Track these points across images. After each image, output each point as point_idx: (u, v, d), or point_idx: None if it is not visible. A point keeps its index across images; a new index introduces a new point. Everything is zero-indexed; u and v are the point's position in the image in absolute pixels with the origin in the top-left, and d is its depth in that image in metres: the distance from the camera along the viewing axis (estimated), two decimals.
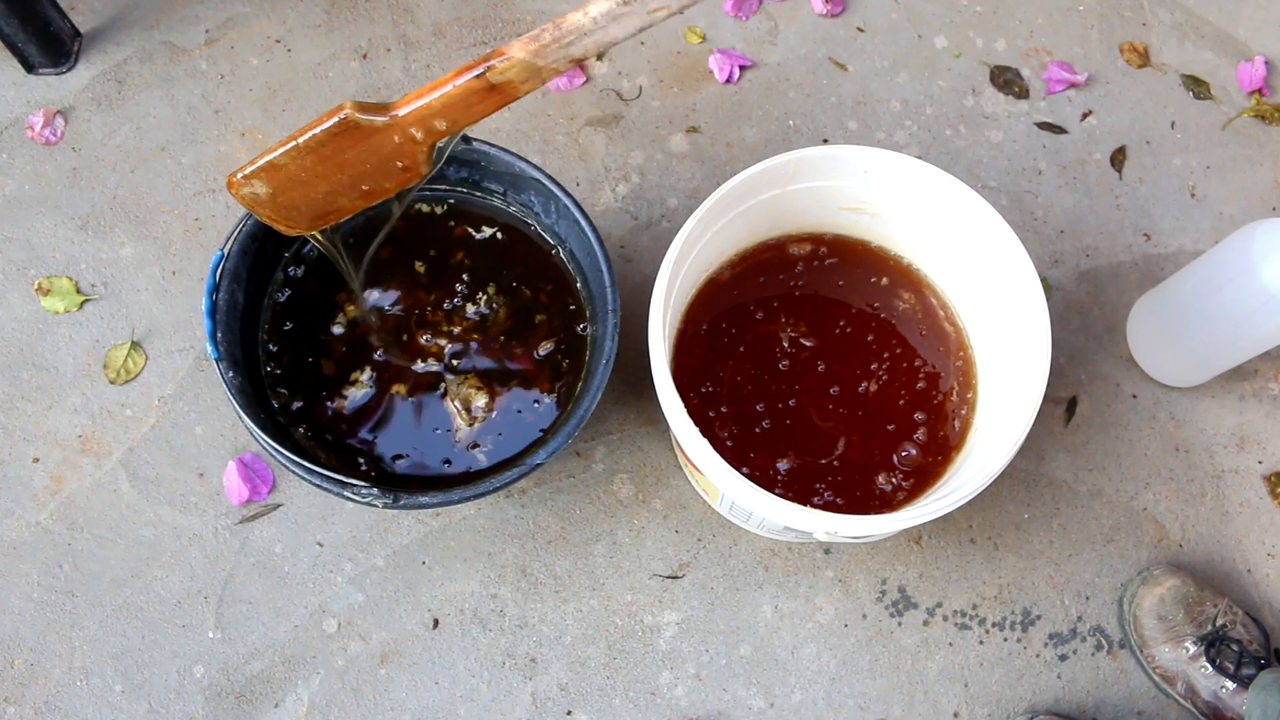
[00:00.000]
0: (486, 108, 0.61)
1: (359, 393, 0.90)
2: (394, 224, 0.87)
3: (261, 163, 0.68)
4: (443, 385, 0.90)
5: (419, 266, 0.94)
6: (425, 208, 0.96)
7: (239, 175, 0.69)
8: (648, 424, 1.01)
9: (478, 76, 0.59)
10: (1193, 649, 0.90)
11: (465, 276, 0.94)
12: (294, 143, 0.66)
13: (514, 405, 0.90)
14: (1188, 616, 0.91)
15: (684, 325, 0.92)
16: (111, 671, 0.92)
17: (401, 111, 0.61)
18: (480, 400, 0.89)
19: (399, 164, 0.64)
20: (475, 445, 0.88)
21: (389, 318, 0.92)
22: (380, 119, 0.63)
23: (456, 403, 0.89)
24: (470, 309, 0.93)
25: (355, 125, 0.63)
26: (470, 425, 0.88)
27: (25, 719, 0.90)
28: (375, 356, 0.91)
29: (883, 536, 0.81)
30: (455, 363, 0.91)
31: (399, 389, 0.90)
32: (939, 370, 0.92)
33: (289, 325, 0.91)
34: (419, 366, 0.91)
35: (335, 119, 0.63)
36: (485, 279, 0.94)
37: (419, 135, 0.61)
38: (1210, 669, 0.89)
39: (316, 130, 0.64)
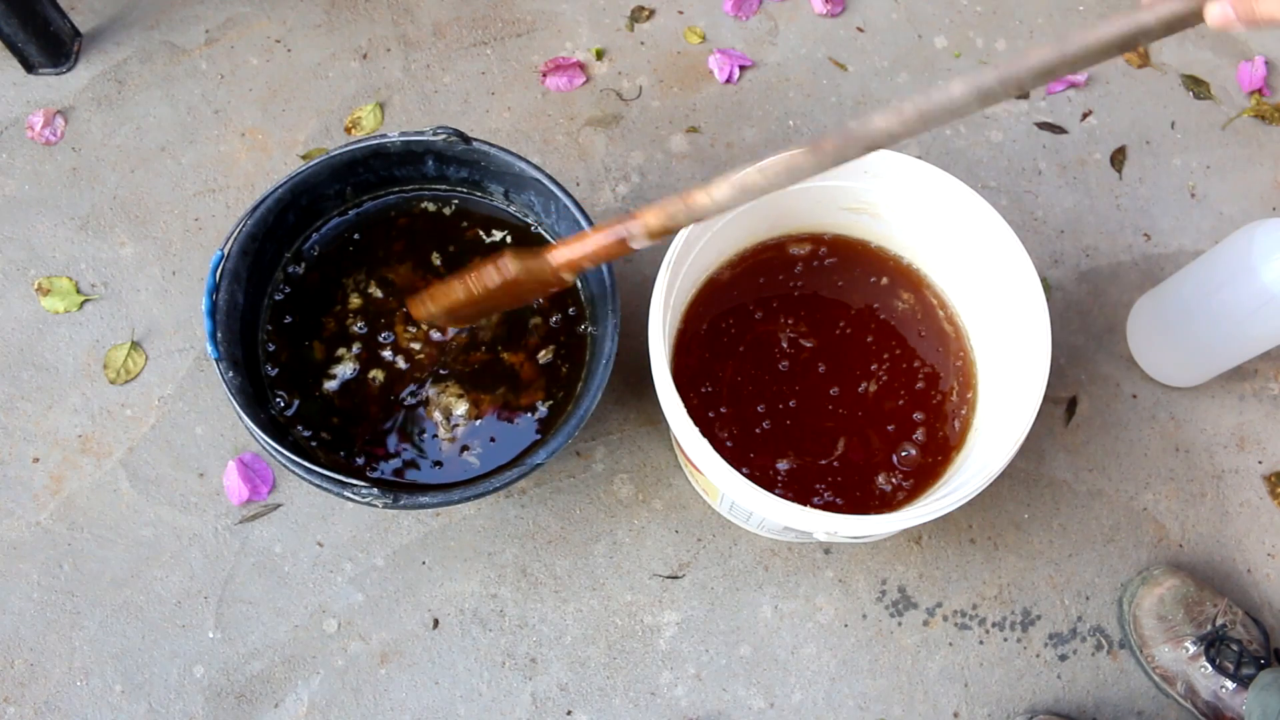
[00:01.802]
0: (622, 253, 0.75)
1: (347, 369, 0.89)
2: (399, 221, 0.88)
3: (441, 307, 0.83)
4: (424, 393, 0.90)
5: (439, 259, 0.94)
6: (432, 207, 0.96)
7: (422, 311, 0.84)
8: (648, 424, 1.01)
9: (619, 240, 0.72)
10: (1192, 649, 0.90)
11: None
12: (466, 290, 0.80)
13: (504, 411, 0.90)
14: (1187, 616, 0.91)
15: (684, 325, 0.92)
16: (111, 671, 0.92)
17: (556, 262, 0.75)
18: (461, 409, 0.89)
19: (550, 289, 0.78)
20: (466, 449, 0.88)
21: (385, 312, 0.92)
22: (542, 268, 0.76)
23: (437, 412, 0.89)
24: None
25: (519, 279, 0.78)
26: (450, 432, 0.88)
27: (25, 719, 0.90)
28: (356, 350, 0.91)
29: (883, 536, 0.81)
30: (428, 371, 0.91)
31: (376, 373, 0.90)
32: (939, 370, 0.92)
33: (288, 320, 0.91)
34: (406, 372, 0.91)
35: (503, 277, 0.77)
36: None
37: (568, 276, 0.75)
38: (1210, 669, 0.89)
39: (486, 284, 0.78)
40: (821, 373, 0.92)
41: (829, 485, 0.88)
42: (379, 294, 0.93)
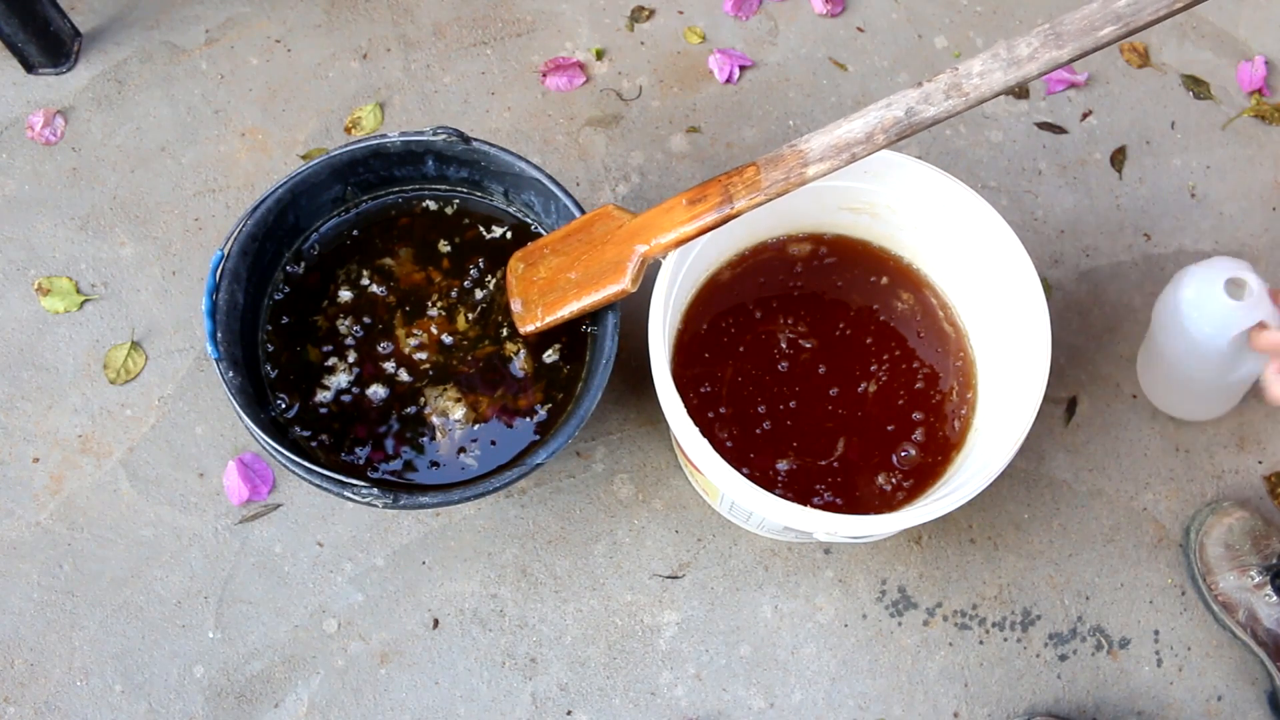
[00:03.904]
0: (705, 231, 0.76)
1: (341, 379, 0.89)
2: (400, 221, 0.88)
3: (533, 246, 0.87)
4: (424, 397, 0.90)
5: (438, 258, 0.94)
6: (434, 206, 0.97)
7: (518, 257, 0.88)
8: (648, 424, 1.01)
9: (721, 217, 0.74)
10: (1257, 578, 0.92)
11: (468, 280, 0.94)
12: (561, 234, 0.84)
13: (503, 413, 0.90)
14: (1254, 548, 0.93)
15: (684, 325, 0.92)
16: (111, 671, 0.92)
17: (642, 247, 0.77)
18: (459, 412, 0.89)
19: (614, 274, 0.79)
20: (463, 450, 0.88)
21: (384, 314, 0.92)
22: (627, 221, 0.78)
23: (435, 416, 0.89)
24: (462, 318, 0.93)
25: (611, 215, 0.81)
26: (450, 434, 0.88)
27: (25, 719, 0.90)
28: (352, 359, 0.91)
29: (883, 536, 0.81)
30: (428, 376, 0.91)
31: (377, 387, 0.90)
32: (938, 370, 0.92)
33: (287, 320, 0.91)
34: (406, 381, 0.91)
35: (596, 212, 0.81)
36: (482, 282, 0.94)
37: (643, 252, 0.76)
38: (1275, 598, 0.90)
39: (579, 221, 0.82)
40: (821, 373, 0.92)
41: (829, 485, 0.88)
42: (376, 290, 0.93)
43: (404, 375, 0.90)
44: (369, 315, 0.92)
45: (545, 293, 0.84)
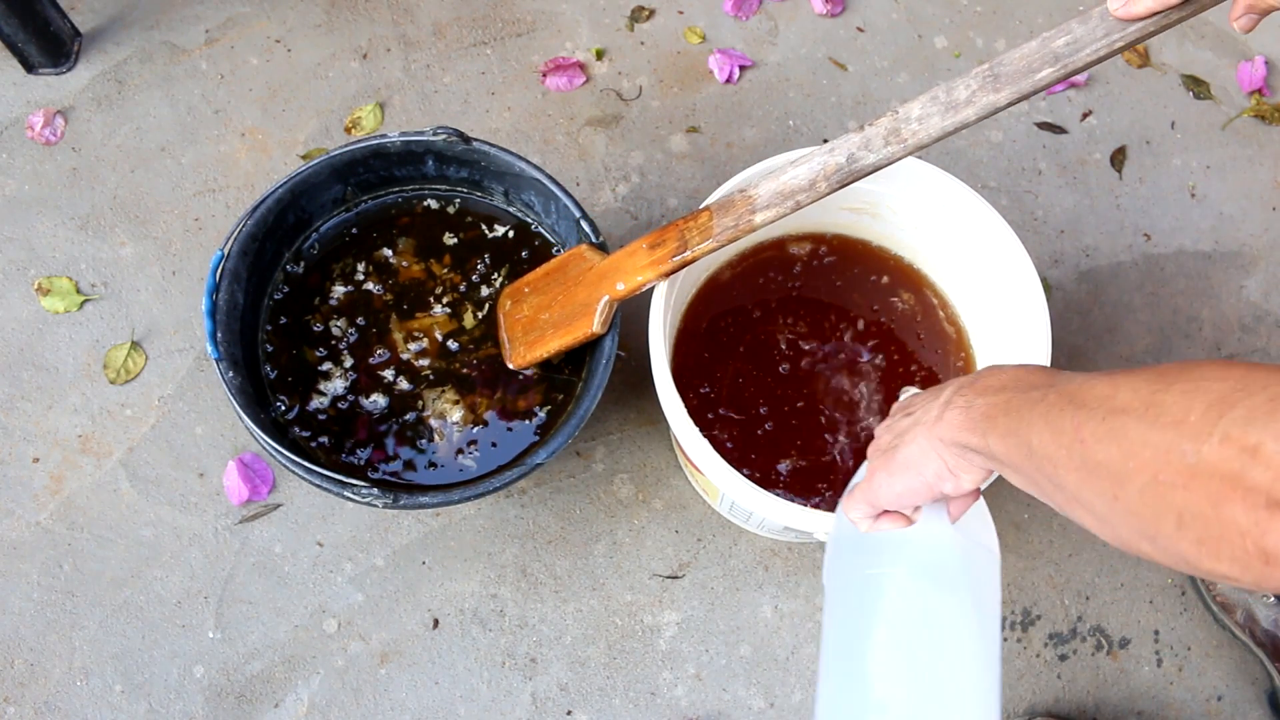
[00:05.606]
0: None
1: (338, 385, 0.89)
2: (400, 220, 0.87)
3: (518, 283, 0.90)
4: (423, 399, 0.90)
5: (440, 252, 0.94)
6: (434, 205, 0.96)
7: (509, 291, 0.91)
8: (648, 424, 1.01)
9: (680, 259, 0.76)
10: None
11: (475, 275, 0.94)
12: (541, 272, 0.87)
13: (503, 414, 0.90)
14: None
15: (684, 325, 0.92)
16: (111, 671, 0.92)
17: (607, 295, 0.80)
18: (457, 414, 0.89)
19: (584, 318, 0.81)
20: (461, 452, 0.88)
21: (382, 315, 0.92)
22: (597, 263, 0.81)
23: (433, 420, 0.89)
24: (470, 315, 0.93)
25: (583, 256, 0.83)
26: (450, 436, 0.88)
27: (25, 719, 0.90)
28: (349, 363, 0.91)
29: None
30: (426, 379, 0.91)
31: (376, 395, 0.90)
32: (938, 371, 0.92)
33: (286, 320, 0.91)
34: (403, 385, 0.90)
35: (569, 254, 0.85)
36: (481, 281, 0.94)
37: (615, 294, 0.79)
38: (1272, 599, 0.90)
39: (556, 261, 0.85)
40: (821, 373, 0.92)
41: (829, 485, 0.88)
42: (374, 288, 0.93)
43: (403, 383, 0.90)
44: (365, 314, 0.92)
45: (527, 331, 0.87)
